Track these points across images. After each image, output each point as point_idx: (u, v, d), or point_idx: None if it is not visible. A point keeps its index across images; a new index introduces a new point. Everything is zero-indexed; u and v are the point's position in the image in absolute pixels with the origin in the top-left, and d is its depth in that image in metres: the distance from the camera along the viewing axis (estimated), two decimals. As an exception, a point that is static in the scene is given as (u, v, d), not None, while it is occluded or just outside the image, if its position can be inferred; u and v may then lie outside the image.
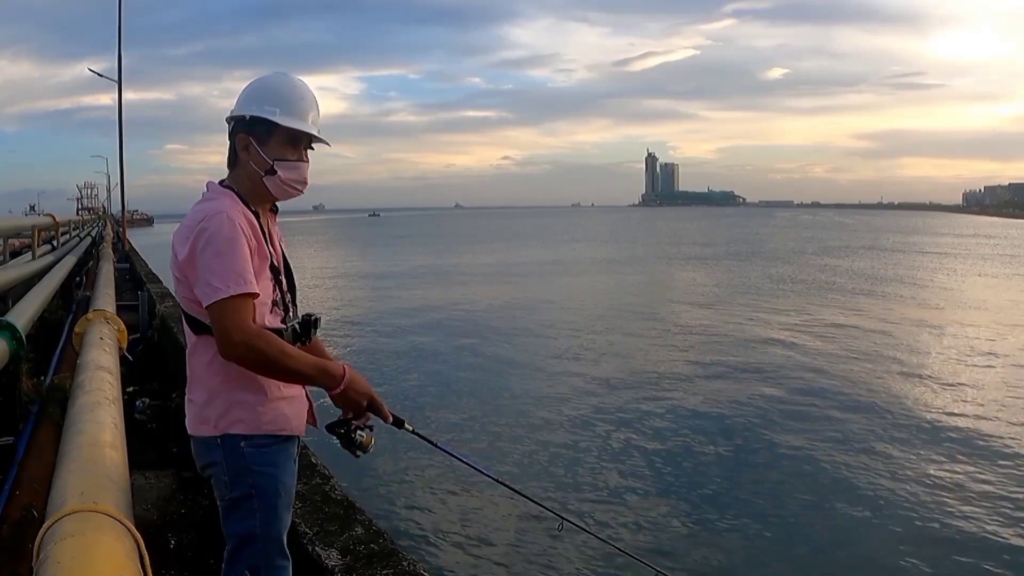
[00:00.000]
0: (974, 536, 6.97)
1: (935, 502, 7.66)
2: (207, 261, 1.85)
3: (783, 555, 6.75)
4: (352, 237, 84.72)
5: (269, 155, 2.01)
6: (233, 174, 2.07)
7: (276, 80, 2.07)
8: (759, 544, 6.92)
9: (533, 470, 8.78)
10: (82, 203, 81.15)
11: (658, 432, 10.08)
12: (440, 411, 11.23)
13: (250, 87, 2.07)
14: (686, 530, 7.17)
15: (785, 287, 27.64)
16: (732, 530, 7.16)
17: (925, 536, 7.00)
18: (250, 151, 2.01)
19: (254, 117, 1.99)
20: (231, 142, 2.06)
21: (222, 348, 1.86)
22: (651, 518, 7.40)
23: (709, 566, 6.54)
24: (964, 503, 7.61)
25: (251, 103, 2.01)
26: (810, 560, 6.71)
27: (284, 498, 2.00)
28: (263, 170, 2.01)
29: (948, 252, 47.91)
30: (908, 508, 7.59)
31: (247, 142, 2.01)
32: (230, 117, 2.06)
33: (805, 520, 7.38)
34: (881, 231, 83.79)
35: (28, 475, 2.89)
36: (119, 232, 24.44)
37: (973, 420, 10.55)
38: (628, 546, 6.21)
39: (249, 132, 2.01)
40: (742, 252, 48.27)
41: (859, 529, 7.13)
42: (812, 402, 11.50)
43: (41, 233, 11.60)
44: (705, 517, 7.44)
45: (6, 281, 6.72)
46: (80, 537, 1.49)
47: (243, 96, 2.05)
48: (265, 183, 2.02)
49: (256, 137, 2.00)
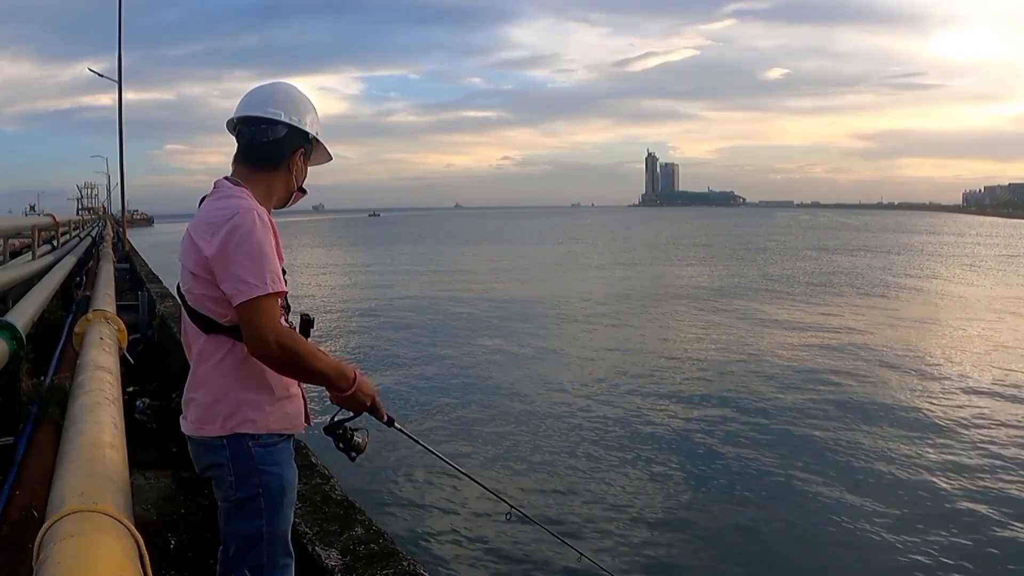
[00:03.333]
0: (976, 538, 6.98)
1: (944, 519, 7.37)
2: (241, 259, 1.84)
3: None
4: (352, 238, 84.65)
5: (304, 171, 2.15)
6: (253, 174, 2.04)
7: (307, 98, 2.14)
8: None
9: (532, 471, 8.78)
10: (82, 203, 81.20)
11: (654, 429, 10.10)
12: (434, 409, 11.24)
13: (307, 100, 2.13)
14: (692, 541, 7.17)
15: (800, 287, 27.65)
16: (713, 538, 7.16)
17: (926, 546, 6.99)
18: (300, 163, 2.12)
19: (315, 137, 2.12)
20: (276, 144, 2.04)
21: (254, 346, 1.85)
22: (635, 527, 7.37)
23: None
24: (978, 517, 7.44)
25: (313, 121, 2.12)
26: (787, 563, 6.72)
27: (289, 496, 2.02)
28: (298, 184, 2.13)
29: (953, 253, 47.89)
30: (904, 514, 7.58)
31: (302, 153, 2.11)
32: (286, 123, 2.04)
33: (782, 525, 7.34)
34: (886, 231, 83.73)
35: (28, 475, 2.89)
36: (119, 232, 24.45)
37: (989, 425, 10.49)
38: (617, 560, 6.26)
39: (305, 146, 2.11)
40: (743, 252, 48.29)
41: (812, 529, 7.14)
42: (804, 399, 11.51)
43: (41, 233, 11.61)
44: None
45: (6, 281, 6.72)
46: (80, 537, 1.49)
47: (300, 104, 2.09)
48: (294, 196, 2.14)
49: (306, 153, 2.12)
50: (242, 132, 2.06)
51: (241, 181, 2.02)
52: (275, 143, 2.04)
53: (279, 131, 2.03)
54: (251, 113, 2.05)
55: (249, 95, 2.10)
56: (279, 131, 2.03)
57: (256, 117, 2.04)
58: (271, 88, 2.12)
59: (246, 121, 2.05)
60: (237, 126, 2.07)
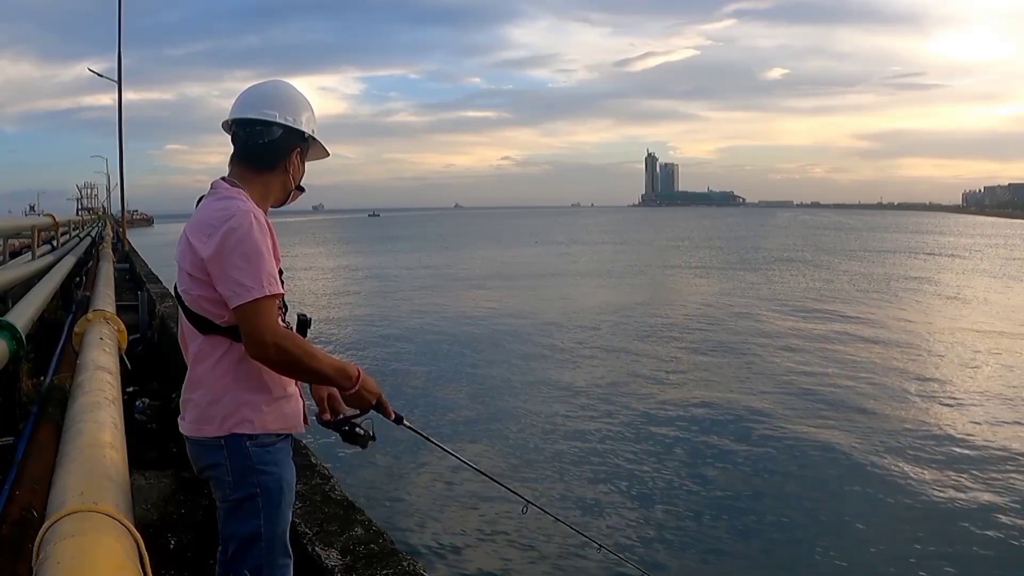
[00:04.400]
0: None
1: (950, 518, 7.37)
2: (238, 261, 1.85)
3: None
4: (352, 238, 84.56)
5: (302, 170, 2.14)
6: (250, 175, 2.03)
7: (304, 97, 2.13)
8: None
9: (535, 466, 8.77)
10: (82, 203, 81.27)
11: (651, 427, 10.09)
12: (440, 406, 11.24)
13: (303, 98, 2.10)
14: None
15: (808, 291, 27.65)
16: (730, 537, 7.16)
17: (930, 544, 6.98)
18: (297, 163, 2.10)
19: (311, 135, 2.10)
20: (272, 145, 2.03)
21: (252, 348, 1.86)
22: (642, 519, 7.38)
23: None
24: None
25: (309, 119, 2.09)
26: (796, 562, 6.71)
27: (287, 496, 2.02)
28: (296, 183, 2.12)
29: (956, 254, 47.86)
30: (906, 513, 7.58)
31: (298, 152, 2.09)
32: (281, 123, 2.02)
33: (796, 527, 7.30)
34: (890, 230, 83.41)
35: (28, 475, 2.89)
36: (119, 232, 24.44)
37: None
38: (627, 553, 6.25)
39: (301, 145, 2.09)
40: (743, 252, 48.25)
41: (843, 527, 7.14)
42: (808, 403, 11.51)
43: (41, 233, 11.61)
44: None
45: (6, 281, 6.72)
46: (80, 537, 1.49)
47: (294, 102, 2.07)
48: (292, 194, 2.13)
49: (302, 152, 2.10)
50: (237, 134, 2.04)
51: (238, 182, 2.01)
52: (271, 144, 2.03)
53: (274, 132, 2.02)
54: (246, 115, 2.03)
55: (243, 95, 2.08)
56: (274, 132, 2.02)
57: (251, 119, 2.02)
58: (265, 87, 2.10)
59: (241, 123, 2.04)
60: (232, 127, 2.06)
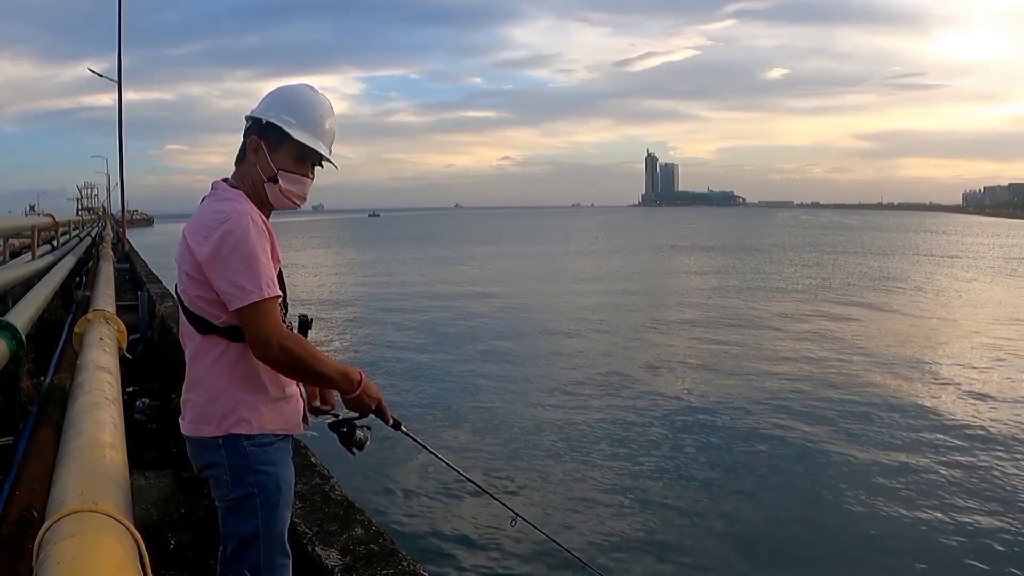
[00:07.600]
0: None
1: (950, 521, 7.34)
2: (236, 263, 1.86)
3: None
4: (352, 239, 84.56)
5: (276, 163, 2.02)
6: (239, 172, 2.07)
7: (301, 92, 2.08)
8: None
9: (536, 479, 8.77)
10: (82, 203, 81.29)
11: (650, 431, 10.09)
12: (438, 414, 11.21)
13: (275, 92, 2.08)
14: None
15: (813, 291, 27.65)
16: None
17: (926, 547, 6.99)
18: (259, 154, 2.02)
19: (270, 122, 2.00)
20: (244, 141, 2.07)
21: (257, 350, 1.87)
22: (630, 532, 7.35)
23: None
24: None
25: (271, 108, 2.02)
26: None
27: (285, 496, 2.02)
28: (266, 176, 2.02)
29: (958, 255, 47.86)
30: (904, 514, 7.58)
31: (258, 145, 2.02)
32: (249, 116, 2.06)
33: (787, 541, 7.23)
34: (906, 231, 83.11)
35: (28, 475, 2.89)
36: (119, 232, 24.45)
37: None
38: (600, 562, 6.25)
39: (262, 136, 2.02)
40: (744, 253, 48.25)
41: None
42: (807, 404, 11.51)
43: (41, 233, 11.61)
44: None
45: (6, 281, 6.72)
46: (80, 537, 1.49)
47: (267, 99, 2.06)
48: (265, 189, 2.03)
49: (268, 143, 2.01)
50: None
51: (234, 181, 2.06)
52: (244, 136, 2.07)
53: (247, 125, 2.07)
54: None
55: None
56: (247, 125, 2.07)
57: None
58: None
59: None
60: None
